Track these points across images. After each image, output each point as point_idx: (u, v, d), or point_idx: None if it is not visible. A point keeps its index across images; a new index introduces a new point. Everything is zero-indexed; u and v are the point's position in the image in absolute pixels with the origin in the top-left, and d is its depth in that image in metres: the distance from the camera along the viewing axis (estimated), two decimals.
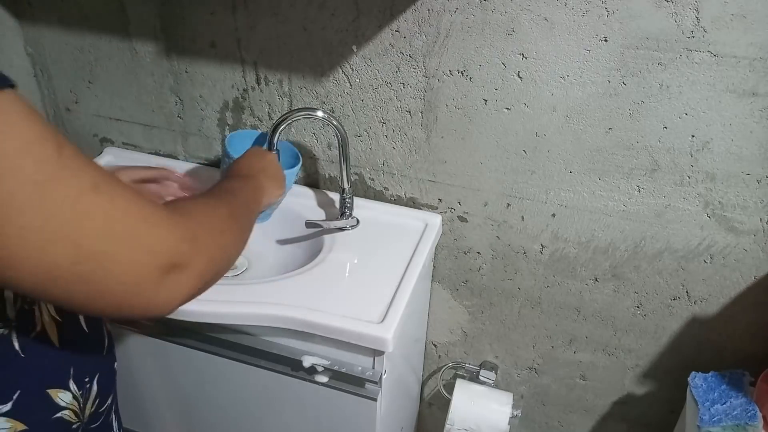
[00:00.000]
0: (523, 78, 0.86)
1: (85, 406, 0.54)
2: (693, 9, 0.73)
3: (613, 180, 0.89)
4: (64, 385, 0.51)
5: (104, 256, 0.37)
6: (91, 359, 0.55)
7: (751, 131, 0.79)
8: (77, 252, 0.35)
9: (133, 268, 0.38)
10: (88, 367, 0.54)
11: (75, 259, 0.35)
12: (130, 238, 0.38)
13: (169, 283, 0.41)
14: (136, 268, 0.38)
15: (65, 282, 0.36)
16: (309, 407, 0.90)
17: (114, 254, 0.37)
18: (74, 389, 0.52)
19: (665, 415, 1.11)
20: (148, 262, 0.39)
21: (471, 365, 1.20)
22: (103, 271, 0.37)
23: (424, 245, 0.94)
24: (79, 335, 0.54)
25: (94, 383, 0.55)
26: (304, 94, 1.00)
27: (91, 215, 0.36)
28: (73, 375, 0.52)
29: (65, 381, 0.51)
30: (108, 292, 0.38)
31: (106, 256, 0.37)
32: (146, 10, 1.00)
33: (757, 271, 0.90)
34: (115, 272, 0.37)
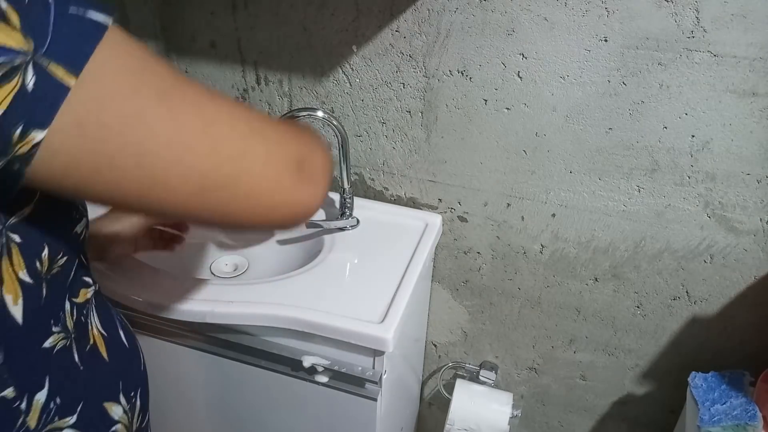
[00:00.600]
0: (523, 78, 0.86)
1: (133, 421, 0.53)
2: (693, 9, 0.73)
3: (613, 180, 0.89)
4: (116, 399, 0.51)
5: (242, 154, 0.38)
6: (134, 374, 0.55)
7: (751, 131, 0.79)
8: (217, 155, 0.36)
9: (271, 163, 0.39)
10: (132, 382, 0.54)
11: (217, 163, 0.36)
12: (259, 135, 0.39)
13: (304, 178, 0.42)
14: (273, 162, 0.40)
15: (215, 189, 0.37)
16: (309, 407, 0.90)
17: (251, 151, 0.38)
18: (123, 403, 0.51)
19: (665, 415, 1.11)
20: (282, 157, 0.40)
21: (471, 365, 1.20)
22: (246, 169, 0.38)
23: (424, 245, 0.94)
24: (122, 350, 0.53)
25: (137, 398, 0.54)
26: (304, 94, 1.00)
27: (218, 118, 0.37)
28: (122, 389, 0.52)
29: (116, 395, 0.51)
30: (255, 191, 0.39)
31: (244, 154, 0.38)
32: (146, 10, 1.00)
33: (757, 271, 0.90)
34: (256, 168, 0.38)
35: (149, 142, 0.33)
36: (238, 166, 0.38)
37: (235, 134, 0.38)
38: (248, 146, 0.38)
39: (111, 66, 0.32)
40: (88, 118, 0.31)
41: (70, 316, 0.45)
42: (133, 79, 0.33)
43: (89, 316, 0.49)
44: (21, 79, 0.28)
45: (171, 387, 0.99)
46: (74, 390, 0.46)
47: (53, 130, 0.30)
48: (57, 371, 0.44)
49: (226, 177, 0.37)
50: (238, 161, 0.38)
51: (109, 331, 0.52)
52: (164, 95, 0.34)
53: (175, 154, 0.35)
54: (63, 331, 0.44)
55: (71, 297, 0.46)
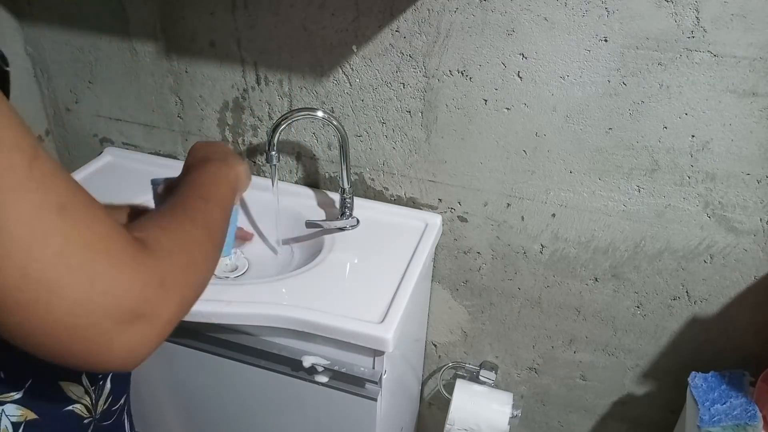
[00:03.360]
0: (523, 78, 0.86)
1: (98, 403, 0.53)
2: (693, 9, 0.73)
3: (613, 180, 0.89)
4: (76, 379, 0.50)
5: (51, 288, 0.32)
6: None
7: (751, 131, 0.79)
8: (22, 276, 0.31)
9: (82, 309, 0.32)
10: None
11: (18, 284, 0.31)
12: (85, 274, 0.32)
13: (130, 335, 0.35)
14: (86, 309, 0.33)
15: (5, 309, 0.31)
16: (309, 407, 0.90)
17: (62, 287, 0.32)
18: (87, 384, 0.52)
19: (665, 415, 1.11)
20: (103, 306, 0.33)
21: (471, 365, 1.20)
22: (47, 306, 0.32)
23: (424, 245, 0.94)
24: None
25: (107, 381, 0.54)
26: (304, 94, 1.00)
27: (47, 238, 0.31)
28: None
29: (78, 375, 0.51)
30: (52, 331, 0.32)
31: (54, 289, 0.32)
32: (146, 10, 1.00)
33: (757, 271, 0.90)
34: (61, 309, 0.32)
35: None
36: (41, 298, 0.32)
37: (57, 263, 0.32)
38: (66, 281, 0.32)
39: None
40: None
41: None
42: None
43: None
44: None
45: (171, 387, 0.99)
46: (25, 366, 0.45)
47: None
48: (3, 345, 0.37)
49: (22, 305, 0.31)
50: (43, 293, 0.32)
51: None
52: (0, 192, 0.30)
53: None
54: None
55: None
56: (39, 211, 0.31)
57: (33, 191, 0.31)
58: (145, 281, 0.35)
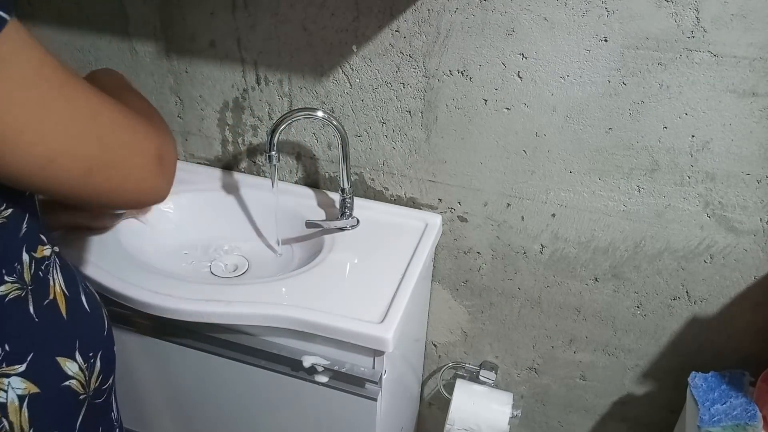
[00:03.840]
0: (523, 78, 0.86)
1: (90, 380, 0.55)
2: (693, 9, 0.74)
3: (613, 180, 0.89)
4: (71, 356, 0.53)
5: (122, 144, 0.46)
6: (94, 337, 0.57)
7: (751, 131, 0.79)
8: (102, 142, 0.44)
9: (143, 154, 0.48)
10: (91, 343, 0.56)
11: (101, 149, 0.44)
12: (133, 130, 0.47)
13: (163, 169, 0.51)
14: (145, 154, 0.48)
15: (98, 170, 0.44)
16: (309, 407, 0.90)
17: (128, 142, 0.46)
18: (80, 361, 0.53)
19: (665, 415, 1.11)
20: (150, 150, 0.49)
21: (471, 365, 1.20)
22: (124, 157, 0.46)
23: (424, 245, 0.94)
24: (82, 312, 0.56)
25: (97, 360, 0.56)
26: (304, 94, 1.00)
27: (102, 111, 0.44)
28: (79, 348, 0.54)
29: (72, 352, 0.53)
30: (130, 176, 0.47)
31: (123, 145, 0.46)
32: (146, 10, 1.00)
33: (757, 271, 0.90)
34: (132, 157, 0.47)
35: (50, 125, 0.39)
36: (118, 154, 0.45)
37: (115, 126, 0.45)
38: (126, 138, 0.46)
39: (16, 55, 0.38)
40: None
41: (28, 269, 0.49)
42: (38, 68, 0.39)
43: (50, 272, 0.52)
44: None
45: (170, 387, 0.99)
46: (26, 339, 0.48)
47: None
48: (7, 319, 0.47)
49: (107, 163, 0.45)
50: (118, 150, 0.45)
51: (71, 292, 0.54)
52: (63, 85, 0.41)
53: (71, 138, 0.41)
54: (18, 281, 0.47)
55: (29, 250, 0.49)
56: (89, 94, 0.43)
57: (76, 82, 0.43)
58: (157, 130, 0.52)
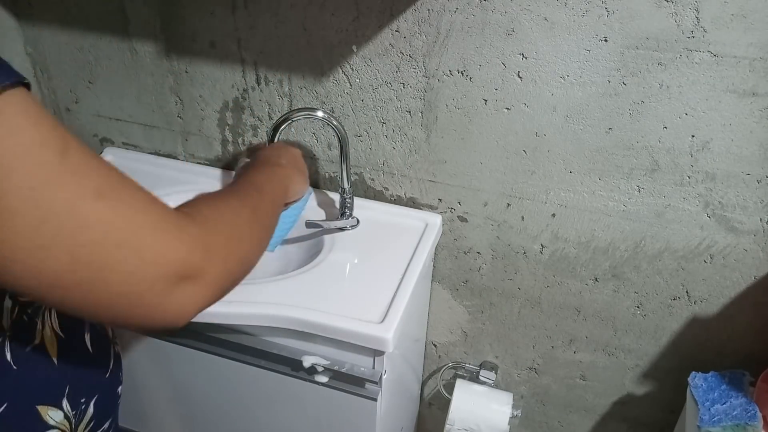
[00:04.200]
0: (523, 78, 0.86)
1: (77, 428, 0.51)
2: (693, 9, 0.74)
3: (613, 180, 0.89)
4: (56, 404, 0.48)
5: (101, 266, 0.35)
6: (91, 380, 0.53)
7: (751, 131, 0.79)
8: (72, 260, 0.34)
9: (133, 279, 0.36)
10: (86, 387, 0.52)
11: (70, 267, 0.34)
12: (130, 248, 0.36)
13: (179, 295, 0.39)
14: (136, 279, 0.36)
15: (63, 289, 0.35)
16: (309, 407, 0.90)
17: (112, 264, 0.35)
18: (67, 409, 0.49)
19: (665, 415, 1.11)
20: (151, 274, 0.37)
21: (471, 365, 1.20)
22: (101, 281, 0.35)
23: (424, 245, 0.94)
24: (81, 354, 0.51)
25: (90, 405, 0.52)
26: (304, 94, 1.00)
27: (89, 224, 0.34)
28: (68, 394, 0.49)
29: (58, 399, 0.49)
30: (109, 301, 0.36)
31: (104, 266, 0.35)
32: (146, 10, 1.00)
33: (757, 271, 0.90)
34: (113, 282, 0.36)
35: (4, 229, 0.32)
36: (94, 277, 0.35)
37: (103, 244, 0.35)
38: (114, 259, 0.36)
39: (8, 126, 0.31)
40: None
41: (9, 314, 0.44)
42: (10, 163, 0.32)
43: (41, 315, 0.47)
44: None
45: (170, 387, 0.99)
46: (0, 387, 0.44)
47: None
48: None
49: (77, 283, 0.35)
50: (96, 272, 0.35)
51: (70, 334, 0.50)
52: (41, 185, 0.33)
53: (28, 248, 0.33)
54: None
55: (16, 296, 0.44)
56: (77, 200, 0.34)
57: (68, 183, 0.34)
58: (189, 246, 0.39)
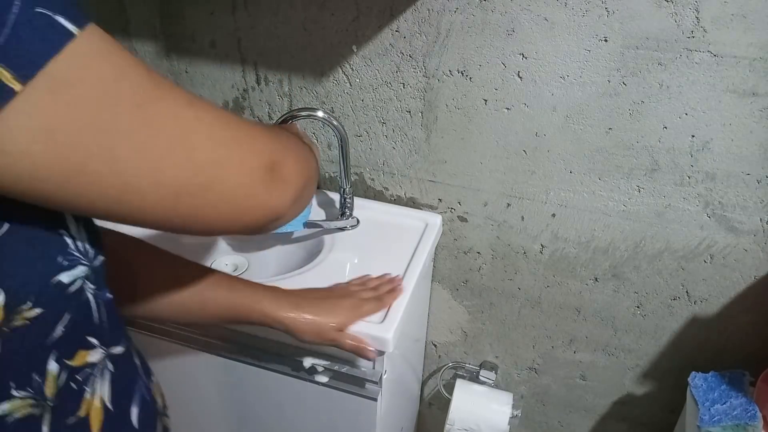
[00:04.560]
0: (523, 78, 0.86)
1: None
2: (693, 9, 0.74)
3: (613, 180, 0.89)
4: None
5: (217, 162, 0.38)
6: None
7: (751, 131, 0.79)
8: (192, 163, 0.36)
9: (245, 169, 0.40)
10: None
11: (192, 171, 0.36)
12: (234, 142, 0.39)
13: (277, 182, 0.42)
14: (247, 168, 0.40)
15: (189, 196, 0.37)
16: (309, 407, 0.90)
17: (226, 158, 0.38)
18: None
19: (665, 415, 1.11)
20: (256, 163, 0.40)
21: (471, 365, 1.20)
22: (220, 177, 0.38)
23: (424, 245, 0.94)
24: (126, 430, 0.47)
25: None
26: (304, 94, 1.00)
27: (195, 126, 0.37)
28: None
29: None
30: (229, 197, 0.39)
31: (220, 162, 0.38)
32: (146, 10, 1.00)
33: (757, 271, 0.90)
34: (230, 175, 0.39)
35: (123, 149, 0.33)
36: (212, 174, 0.38)
37: (211, 142, 0.38)
38: (223, 154, 0.38)
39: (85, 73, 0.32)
40: (58, 124, 0.31)
41: (54, 381, 0.39)
42: (109, 86, 0.33)
43: (91, 383, 0.42)
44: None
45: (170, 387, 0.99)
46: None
47: (19, 132, 0.29)
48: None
49: (199, 185, 0.37)
50: (212, 169, 0.38)
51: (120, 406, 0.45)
52: (141, 103, 0.34)
53: (150, 162, 0.34)
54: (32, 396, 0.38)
55: (63, 358, 0.39)
56: (178, 109, 0.36)
57: (165, 95, 0.36)
58: (270, 136, 0.44)
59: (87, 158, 0.32)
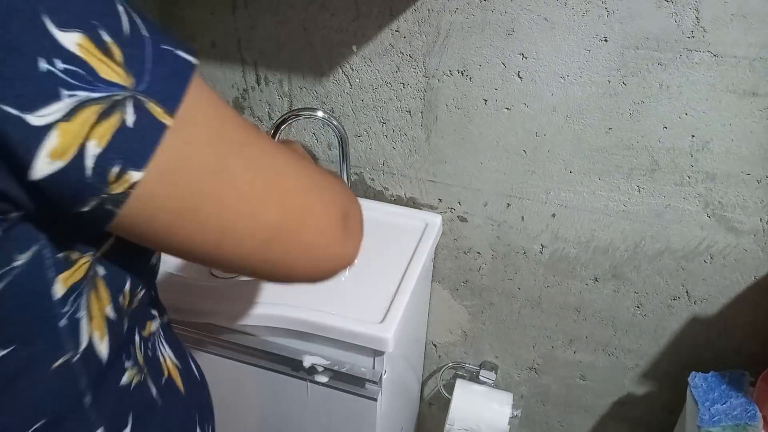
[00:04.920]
0: (523, 78, 0.86)
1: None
2: (693, 9, 0.74)
3: (613, 180, 0.89)
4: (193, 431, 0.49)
5: (305, 208, 0.38)
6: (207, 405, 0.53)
7: (751, 131, 0.79)
8: (284, 208, 0.37)
9: (327, 218, 0.40)
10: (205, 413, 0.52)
11: (284, 215, 0.37)
12: (316, 189, 0.40)
13: (349, 230, 0.43)
14: (328, 217, 0.40)
15: (279, 241, 0.37)
16: (309, 407, 0.90)
17: (311, 205, 0.39)
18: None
19: (665, 415, 1.11)
20: (334, 211, 0.41)
21: (471, 365, 1.20)
22: (307, 223, 0.38)
23: (424, 245, 0.94)
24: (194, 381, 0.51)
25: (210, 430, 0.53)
26: (304, 94, 1.00)
27: (285, 171, 0.37)
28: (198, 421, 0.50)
29: (194, 428, 0.49)
30: (313, 244, 0.39)
31: (307, 208, 0.38)
32: (146, 9, 1.00)
33: (757, 271, 0.90)
34: (316, 222, 0.39)
35: (228, 192, 0.33)
36: (300, 220, 0.38)
37: (299, 188, 0.38)
38: (309, 201, 0.39)
39: (201, 109, 0.32)
40: (180, 163, 0.30)
41: (139, 350, 0.44)
42: (219, 125, 0.33)
43: (158, 348, 0.47)
44: (122, 115, 0.28)
45: None
46: (155, 426, 0.44)
47: (149, 172, 0.29)
48: (137, 408, 0.42)
49: (289, 231, 0.37)
50: (301, 215, 0.38)
51: (183, 362, 0.50)
52: (244, 144, 0.34)
53: (249, 205, 0.35)
54: (135, 365, 0.43)
55: (140, 330, 0.44)
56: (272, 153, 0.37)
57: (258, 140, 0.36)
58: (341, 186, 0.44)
59: (199, 202, 0.32)
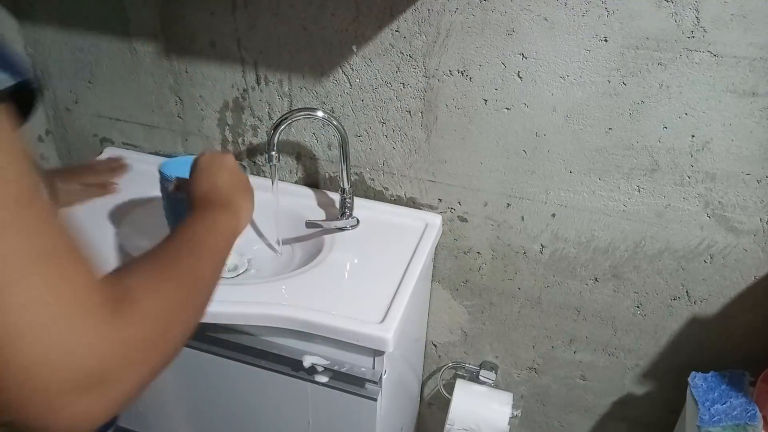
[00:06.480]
0: (523, 78, 0.86)
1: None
2: (693, 9, 0.74)
3: (613, 180, 0.89)
4: None
5: (12, 337, 0.29)
6: None
7: (751, 131, 0.79)
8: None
9: (39, 367, 0.30)
10: None
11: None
12: (50, 331, 0.30)
13: (83, 402, 0.32)
14: (43, 367, 0.30)
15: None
16: (309, 407, 0.90)
17: (24, 339, 0.30)
18: None
19: (665, 415, 1.11)
20: (61, 368, 0.31)
21: (471, 365, 1.20)
22: (9, 351, 0.29)
23: (424, 245, 0.94)
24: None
25: None
26: (304, 94, 1.00)
27: (19, 285, 0.30)
28: None
29: None
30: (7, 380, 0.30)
31: (14, 340, 0.29)
32: (146, 10, 1.00)
33: (757, 271, 0.90)
34: (17, 362, 0.30)
35: None
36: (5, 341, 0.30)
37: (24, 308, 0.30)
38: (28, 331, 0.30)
39: None
40: None
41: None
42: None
43: None
44: None
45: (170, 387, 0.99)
46: None
47: None
48: None
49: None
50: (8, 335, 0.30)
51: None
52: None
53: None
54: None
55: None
56: (18, 255, 0.29)
57: (10, 235, 0.29)
58: (110, 350, 0.33)
59: None
